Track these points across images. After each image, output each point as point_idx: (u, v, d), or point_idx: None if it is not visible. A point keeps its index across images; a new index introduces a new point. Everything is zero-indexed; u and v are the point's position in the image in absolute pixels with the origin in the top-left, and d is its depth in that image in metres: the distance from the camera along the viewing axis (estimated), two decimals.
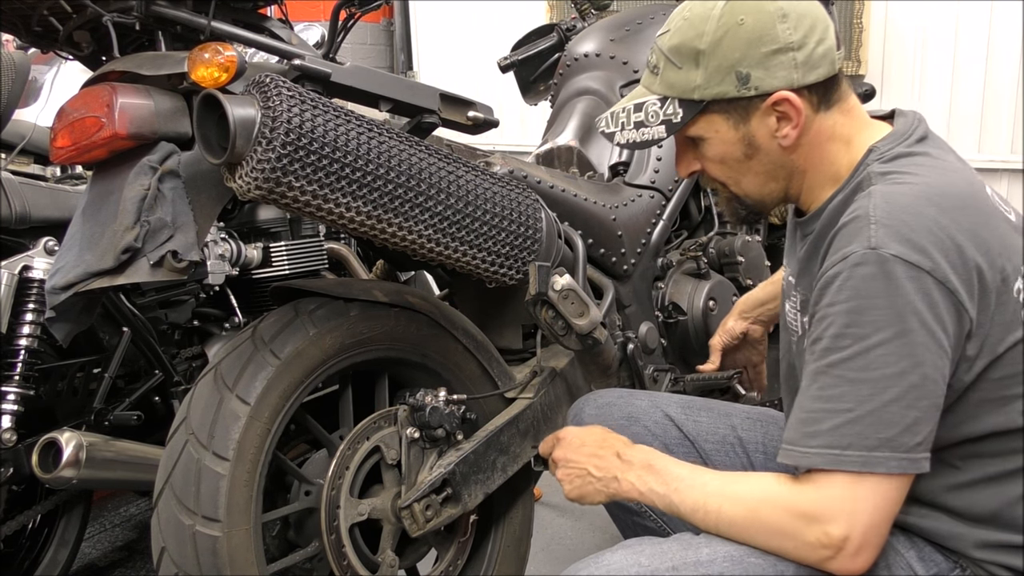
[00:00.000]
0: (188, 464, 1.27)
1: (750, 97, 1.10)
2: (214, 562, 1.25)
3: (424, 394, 1.44)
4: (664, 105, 1.14)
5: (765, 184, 1.16)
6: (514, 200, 1.44)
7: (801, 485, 1.03)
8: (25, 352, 1.77)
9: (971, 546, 1.07)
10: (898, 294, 0.98)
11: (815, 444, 1.00)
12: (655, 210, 1.97)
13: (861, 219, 1.03)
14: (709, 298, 1.95)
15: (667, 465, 1.15)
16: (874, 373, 0.98)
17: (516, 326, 1.72)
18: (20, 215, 1.78)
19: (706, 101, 1.11)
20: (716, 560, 1.06)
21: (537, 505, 2.48)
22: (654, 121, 1.15)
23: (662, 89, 1.14)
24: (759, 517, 1.05)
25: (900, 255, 0.98)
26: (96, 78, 1.35)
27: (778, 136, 1.12)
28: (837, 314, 1.01)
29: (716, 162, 1.17)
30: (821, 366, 1.02)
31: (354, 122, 1.22)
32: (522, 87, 2.51)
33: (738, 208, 1.21)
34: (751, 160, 1.14)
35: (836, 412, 0.99)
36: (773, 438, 1.41)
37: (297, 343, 1.34)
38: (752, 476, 1.13)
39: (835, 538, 0.99)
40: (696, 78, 1.11)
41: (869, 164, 1.10)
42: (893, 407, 0.98)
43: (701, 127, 1.14)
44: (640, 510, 1.43)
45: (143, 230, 1.23)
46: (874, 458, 0.98)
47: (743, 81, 1.09)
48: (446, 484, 1.43)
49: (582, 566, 1.09)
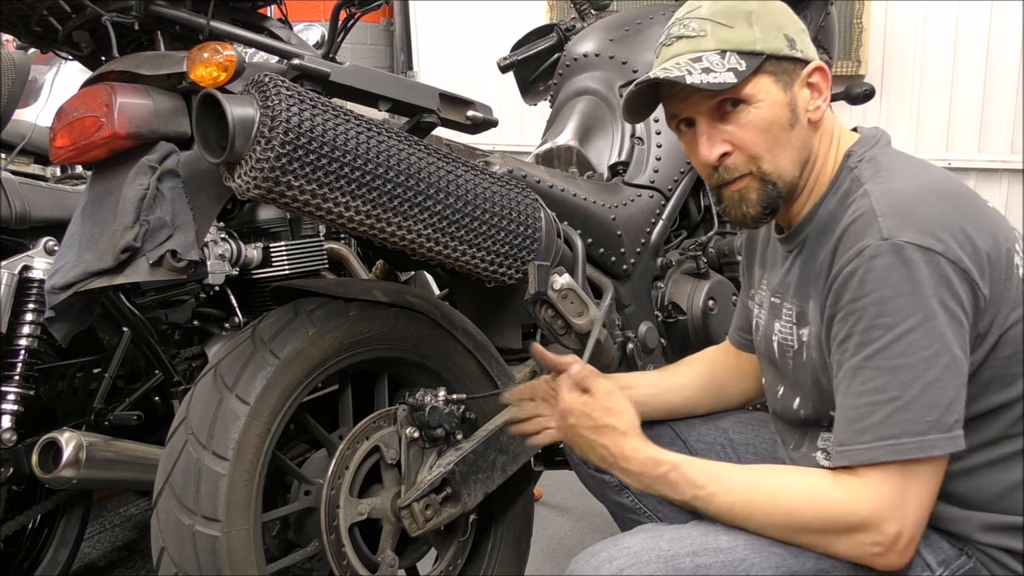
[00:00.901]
0: (188, 464, 1.27)
1: (795, 59, 1.12)
2: (214, 562, 1.25)
3: (424, 394, 1.44)
4: (724, 57, 1.11)
5: (797, 163, 1.14)
6: (513, 200, 1.44)
7: (848, 486, 1.02)
8: (25, 352, 1.77)
9: (976, 530, 1.08)
10: (918, 279, 0.99)
11: (869, 439, 1.00)
12: (655, 210, 1.96)
13: (867, 215, 1.04)
14: (709, 298, 1.95)
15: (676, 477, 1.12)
16: (912, 358, 0.99)
17: (516, 326, 1.72)
18: (20, 215, 1.78)
19: (766, 54, 1.11)
20: (736, 547, 1.06)
21: (537, 505, 2.48)
22: (720, 69, 1.10)
23: (718, 44, 1.11)
24: (799, 521, 1.04)
25: (913, 241, 1.00)
26: (95, 78, 1.35)
27: (810, 109, 1.14)
28: (863, 308, 1.02)
29: (760, 130, 1.12)
30: (857, 361, 1.02)
31: (353, 121, 1.22)
32: (522, 87, 2.51)
33: (766, 194, 1.14)
34: (792, 130, 1.13)
35: (883, 403, 1.00)
36: (765, 440, 1.41)
37: (297, 343, 1.34)
38: (785, 476, 1.11)
39: (889, 536, 1.00)
40: (753, 33, 1.11)
41: (852, 168, 1.14)
42: (934, 389, 0.99)
43: (754, 87, 1.11)
44: (634, 506, 1.43)
45: (142, 230, 1.23)
46: (928, 442, 0.99)
47: (791, 43, 1.12)
48: (446, 484, 1.43)
49: (602, 547, 1.09)
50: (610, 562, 1.07)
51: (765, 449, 1.40)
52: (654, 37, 2.10)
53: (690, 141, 1.19)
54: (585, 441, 1.21)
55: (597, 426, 1.19)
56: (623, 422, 1.18)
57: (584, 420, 1.20)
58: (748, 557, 1.05)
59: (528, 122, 4.76)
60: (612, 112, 2.05)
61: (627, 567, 1.05)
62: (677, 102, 1.17)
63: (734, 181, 1.15)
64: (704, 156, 1.15)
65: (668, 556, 1.06)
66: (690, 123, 1.17)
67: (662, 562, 1.05)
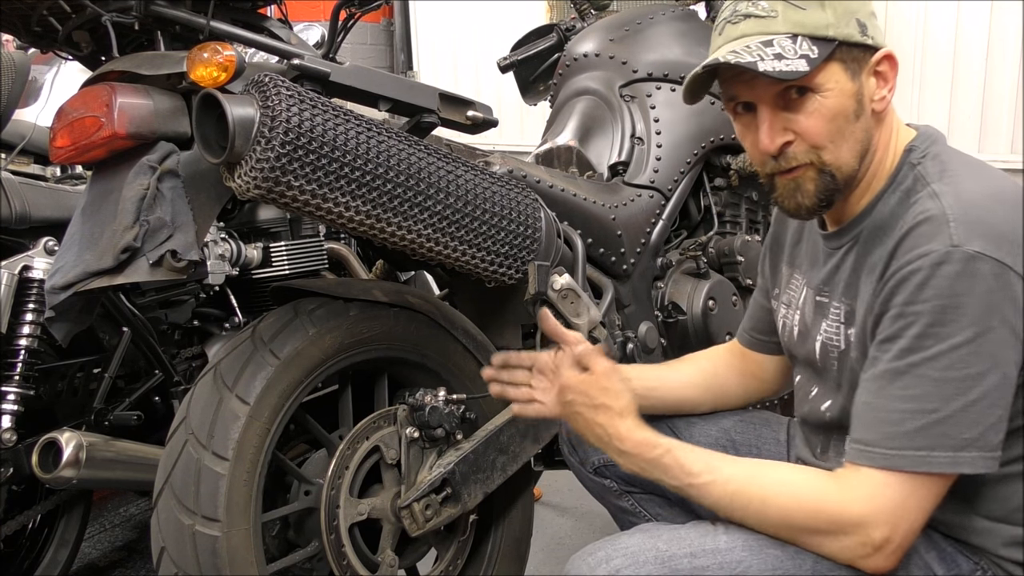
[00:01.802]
0: (188, 464, 1.27)
1: (866, 47, 1.07)
2: (214, 562, 1.25)
3: (424, 394, 1.44)
4: (796, 42, 1.06)
5: (858, 155, 1.10)
6: (513, 200, 1.44)
7: (847, 485, 1.02)
8: (25, 352, 1.77)
9: (1000, 543, 1.07)
10: (984, 291, 0.97)
11: (898, 445, 0.99)
12: (655, 210, 1.96)
13: (937, 219, 1.01)
14: (709, 298, 1.95)
15: (671, 461, 1.11)
16: (960, 372, 0.97)
17: (516, 326, 1.72)
18: (20, 215, 1.78)
19: (839, 40, 1.05)
20: (735, 548, 1.05)
21: (537, 505, 2.48)
22: (792, 55, 1.05)
23: (789, 27, 1.06)
24: (792, 519, 1.04)
25: (984, 251, 0.97)
26: (95, 78, 1.35)
27: (875, 99, 1.09)
28: (919, 313, 0.99)
29: (826, 120, 1.07)
30: (902, 365, 1.00)
31: (353, 121, 1.22)
32: (522, 87, 2.51)
33: (825, 184, 1.10)
34: (857, 121, 1.08)
35: (921, 412, 0.98)
36: (766, 440, 1.41)
37: (297, 343, 1.34)
38: (782, 472, 1.11)
39: (876, 540, 0.99)
40: (827, 16, 1.06)
41: (915, 164, 1.10)
42: (977, 407, 0.97)
43: (824, 75, 1.06)
44: (634, 509, 1.43)
45: (142, 230, 1.23)
46: (962, 458, 0.97)
47: (863, 29, 1.07)
48: (446, 484, 1.43)
49: (599, 546, 1.09)
50: (607, 562, 1.06)
51: (767, 450, 1.40)
52: (654, 37, 2.11)
53: (747, 124, 1.13)
54: (581, 418, 1.20)
55: (594, 404, 1.18)
56: (619, 403, 1.17)
57: (581, 398, 1.19)
58: (746, 559, 1.05)
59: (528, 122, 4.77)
60: (612, 112, 2.05)
61: (624, 567, 1.05)
62: (739, 85, 1.11)
63: (791, 170, 1.11)
64: (765, 145, 1.10)
65: (665, 557, 1.05)
66: (748, 107, 1.12)
67: (659, 563, 1.05)
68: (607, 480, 1.46)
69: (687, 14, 2.19)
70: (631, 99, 2.05)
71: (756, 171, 1.19)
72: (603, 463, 1.46)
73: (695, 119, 2.03)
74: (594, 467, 1.47)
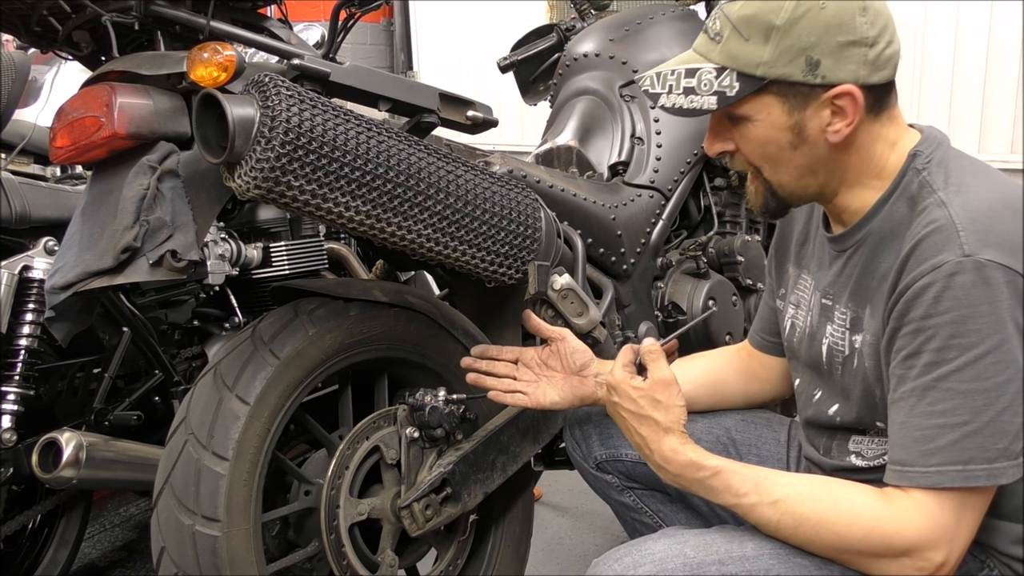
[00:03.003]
0: (188, 464, 1.27)
1: (812, 85, 1.05)
2: (214, 562, 1.25)
3: (424, 394, 1.44)
4: (720, 76, 1.07)
5: (802, 177, 1.11)
6: (513, 200, 1.44)
7: (901, 507, 1.01)
8: (25, 352, 1.77)
9: (1008, 541, 1.07)
10: (998, 299, 0.97)
11: (935, 462, 0.98)
12: (655, 210, 1.97)
13: (946, 228, 1.00)
14: (709, 298, 1.95)
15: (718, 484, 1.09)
16: (987, 383, 0.97)
17: (516, 326, 1.71)
18: (20, 215, 1.78)
19: (767, 80, 1.05)
20: (762, 556, 1.05)
21: (537, 505, 2.48)
22: (706, 91, 1.07)
23: (722, 59, 1.07)
24: (847, 541, 1.02)
25: (995, 259, 0.97)
26: (95, 78, 1.35)
27: (828, 131, 1.07)
28: (938, 326, 0.98)
29: (757, 145, 1.10)
30: (928, 381, 0.99)
31: (353, 121, 1.22)
32: (522, 87, 2.51)
33: (768, 199, 1.14)
34: (795, 150, 1.09)
35: (953, 427, 0.98)
36: (767, 440, 1.41)
37: (297, 343, 1.34)
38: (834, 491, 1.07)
39: (935, 563, 0.99)
40: (763, 54, 1.04)
41: (920, 170, 1.09)
42: (1006, 415, 0.97)
43: (753, 106, 1.08)
44: (636, 506, 1.43)
45: (142, 230, 1.23)
46: (996, 470, 0.97)
47: (812, 67, 1.04)
48: (445, 484, 1.43)
49: (625, 552, 1.08)
50: (634, 568, 1.06)
51: (768, 450, 1.40)
52: (654, 37, 2.11)
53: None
54: (624, 422, 1.19)
55: (640, 414, 1.16)
56: (668, 418, 1.14)
57: (629, 403, 1.17)
58: (774, 567, 1.04)
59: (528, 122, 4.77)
60: (612, 112, 2.05)
61: (652, 574, 1.04)
62: None
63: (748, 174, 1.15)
64: (707, 149, 1.17)
65: (694, 564, 1.04)
66: None
67: (687, 569, 1.04)
68: (609, 476, 1.46)
69: (687, 14, 2.19)
70: (631, 99, 2.05)
71: None
72: (606, 459, 1.46)
73: (695, 119, 2.03)
74: (597, 463, 1.47)
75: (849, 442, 1.18)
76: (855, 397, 1.14)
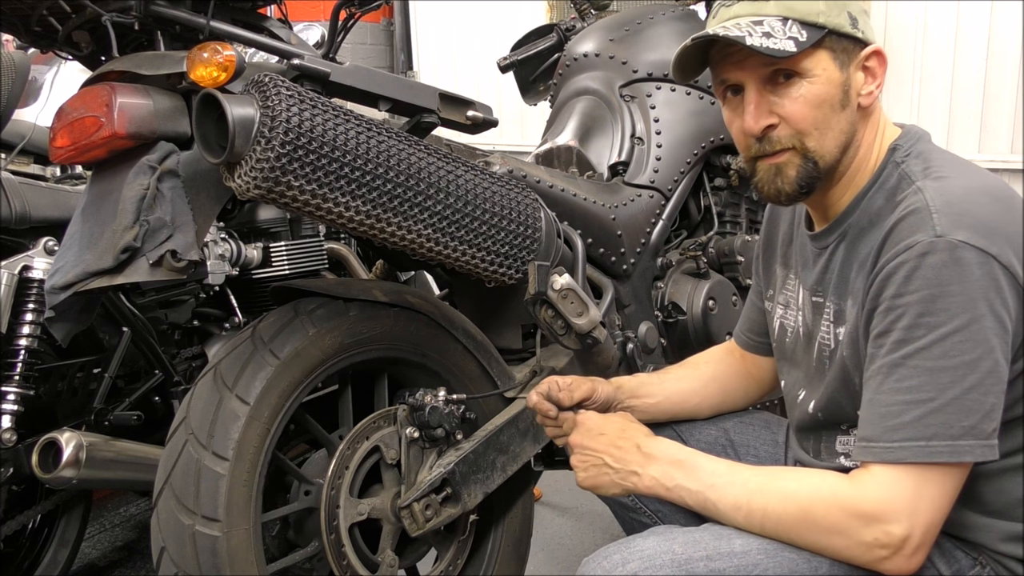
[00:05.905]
0: (188, 464, 1.27)
1: (855, 39, 1.09)
2: (214, 562, 1.25)
3: (424, 394, 1.44)
4: (787, 25, 1.07)
5: (842, 145, 1.11)
6: (513, 200, 1.44)
7: (860, 481, 1.01)
8: (25, 352, 1.77)
9: (997, 539, 1.07)
10: (969, 280, 0.97)
11: (899, 437, 0.99)
12: (655, 209, 1.97)
13: (920, 211, 1.02)
14: (709, 298, 1.95)
15: (698, 461, 1.12)
16: (953, 361, 0.97)
17: (516, 326, 1.72)
18: (20, 215, 1.78)
19: (828, 28, 1.07)
20: (750, 551, 1.05)
21: (537, 505, 2.48)
22: (781, 36, 1.06)
23: (780, 10, 1.08)
24: (811, 516, 1.03)
25: (968, 241, 0.98)
26: (95, 78, 1.35)
27: (862, 94, 1.10)
28: (908, 304, 1.00)
29: (811, 106, 1.09)
30: (895, 358, 1.00)
31: (353, 121, 1.22)
32: (522, 87, 2.52)
33: (803, 173, 1.11)
34: (842, 112, 1.10)
35: (917, 403, 0.98)
36: (765, 441, 1.41)
37: (297, 343, 1.34)
38: (800, 472, 1.11)
39: (896, 537, 0.98)
40: (818, 5, 1.07)
41: (899, 163, 1.11)
42: (973, 394, 0.97)
43: (812, 60, 1.08)
44: (635, 506, 1.43)
45: (142, 230, 1.23)
46: (960, 447, 0.97)
47: (854, 23, 1.09)
48: (446, 484, 1.43)
49: (614, 549, 1.08)
50: (623, 565, 1.06)
51: (766, 451, 1.40)
52: (654, 37, 2.11)
53: (735, 108, 1.14)
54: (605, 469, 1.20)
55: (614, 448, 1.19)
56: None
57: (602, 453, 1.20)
58: (762, 562, 1.04)
59: (528, 122, 4.77)
60: (612, 112, 2.05)
61: (640, 571, 1.04)
62: (729, 66, 1.12)
63: (775, 154, 1.12)
64: (748, 125, 1.11)
65: (682, 560, 1.05)
66: (737, 90, 1.13)
67: (676, 566, 1.04)
68: None
69: (687, 14, 2.19)
70: (631, 99, 2.05)
71: None
72: None
73: (695, 119, 2.04)
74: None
75: (836, 443, 1.19)
76: (833, 390, 1.15)
